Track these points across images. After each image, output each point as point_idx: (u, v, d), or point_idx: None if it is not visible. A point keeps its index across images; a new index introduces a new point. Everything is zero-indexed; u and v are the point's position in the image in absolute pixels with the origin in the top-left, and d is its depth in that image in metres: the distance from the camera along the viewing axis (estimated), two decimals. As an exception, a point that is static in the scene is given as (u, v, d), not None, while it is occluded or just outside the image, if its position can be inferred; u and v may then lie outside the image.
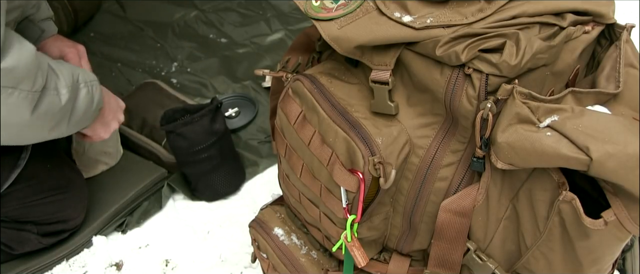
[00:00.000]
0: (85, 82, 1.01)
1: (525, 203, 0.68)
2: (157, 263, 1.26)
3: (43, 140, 1.01)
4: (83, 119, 1.03)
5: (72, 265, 1.25)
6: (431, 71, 0.66)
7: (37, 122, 0.94)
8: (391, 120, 0.71)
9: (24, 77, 0.88)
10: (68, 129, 1.02)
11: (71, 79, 0.98)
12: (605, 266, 0.69)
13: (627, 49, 0.67)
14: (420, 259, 0.84)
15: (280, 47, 1.76)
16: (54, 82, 0.95)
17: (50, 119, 0.96)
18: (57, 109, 0.95)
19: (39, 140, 1.01)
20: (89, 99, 1.02)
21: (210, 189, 1.34)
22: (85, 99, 1.01)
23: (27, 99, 0.90)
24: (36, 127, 0.95)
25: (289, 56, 0.84)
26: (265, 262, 0.98)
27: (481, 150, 0.67)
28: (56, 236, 1.21)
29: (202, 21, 1.85)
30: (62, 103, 0.96)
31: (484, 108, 0.63)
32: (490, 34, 0.63)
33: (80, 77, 1.01)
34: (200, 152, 1.29)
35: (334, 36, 0.67)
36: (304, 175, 0.78)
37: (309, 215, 0.84)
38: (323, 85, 0.75)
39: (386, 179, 0.68)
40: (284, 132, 0.80)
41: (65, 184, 1.19)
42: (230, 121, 1.53)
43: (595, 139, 0.57)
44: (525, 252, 0.70)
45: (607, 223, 0.61)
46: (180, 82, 1.67)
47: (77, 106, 1.00)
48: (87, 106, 1.02)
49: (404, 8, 0.66)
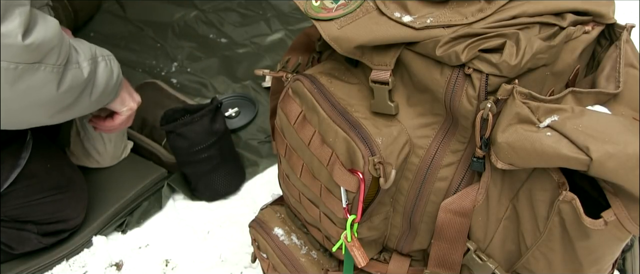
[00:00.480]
0: (102, 56, 1.03)
1: (525, 203, 0.68)
2: (157, 263, 1.26)
3: (69, 118, 1.03)
4: (104, 93, 1.05)
5: (72, 265, 1.25)
6: (431, 71, 0.66)
7: (64, 97, 0.95)
8: (391, 120, 0.71)
9: (49, 51, 0.90)
10: (90, 104, 1.03)
11: (90, 53, 1.00)
12: (605, 266, 0.69)
13: (627, 49, 0.67)
14: (420, 259, 0.84)
15: (280, 47, 1.76)
16: (74, 56, 0.96)
17: (74, 93, 0.97)
18: (81, 82, 0.97)
19: (66, 119, 1.02)
20: (108, 72, 1.04)
21: (210, 189, 1.34)
22: (105, 72, 1.03)
23: (53, 73, 0.91)
24: (62, 102, 0.96)
25: (289, 56, 0.84)
26: (265, 262, 0.98)
27: (481, 150, 0.67)
28: (56, 236, 1.21)
29: (202, 21, 1.85)
30: (84, 76, 0.97)
31: (484, 108, 0.63)
32: (490, 34, 0.63)
33: (98, 52, 1.03)
34: (200, 152, 1.29)
35: (334, 36, 0.67)
36: (304, 175, 0.78)
37: (309, 215, 0.84)
38: (323, 85, 0.75)
39: (386, 179, 0.68)
40: (284, 132, 0.80)
41: (65, 184, 1.19)
42: (230, 121, 1.53)
43: (595, 139, 0.57)
44: (525, 252, 0.70)
45: (607, 223, 0.61)
46: (180, 82, 1.67)
47: (98, 79, 1.01)
48: (108, 79, 1.04)
49: (404, 8, 0.66)
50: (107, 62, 1.04)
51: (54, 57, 0.90)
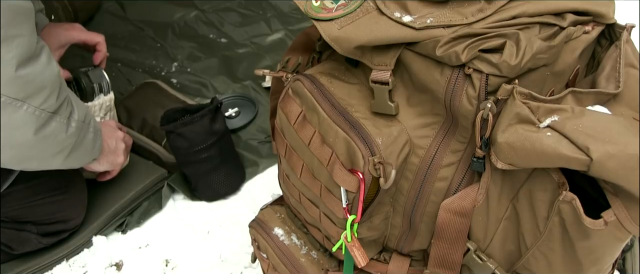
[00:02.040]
0: (94, 128, 1.04)
1: (525, 203, 0.68)
2: (157, 263, 1.26)
3: (34, 169, 1.01)
4: (80, 158, 1.05)
5: (72, 265, 1.25)
6: (431, 71, 0.66)
7: (38, 145, 0.93)
8: (391, 120, 0.71)
9: (39, 91, 0.88)
10: (63, 162, 1.02)
11: (84, 116, 1.00)
12: (605, 266, 0.69)
13: (627, 49, 0.67)
14: (420, 259, 0.84)
15: (280, 47, 1.76)
16: (67, 109, 0.96)
17: (51, 145, 0.95)
18: (62, 137, 0.96)
19: (32, 168, 1.01)
20: (91, 144, 1.04)
21: (210, 189, 1.34)
22: (90, 143, 1.03)
23: (34, 115, 0.89)
24: (38, 151, 0.95)
25: (289, 56, 0.84)
26: (265, 262, 0.98)
27: (481, 150, 0.67)
28: (56, 236, 1.21)
29: (202, 21, 1.85)
30: (68, 132, 0.96)
31: (484, 108, 0.63)
32: (490, 34, 0.63)
33: (92, 122, 1.03)
34: (200, 152, 1.29)
35: (334, 36, 0.67)
36: (304, 175, 0.78)
37: (309, 215, 0.84)
38: (323, 85, 0.75)
39: (386, 179, 0.68)
40: (284, 132, 0.80)
41: (65, 185, 1.19)
42: (230, 121, 1.53)
43: (596, 139, 0.57)
44: (525, 252, 0.70)
45: (607, 223, 0.61)
46: (180, 82, 1.67)
47: (82, 144, 1.01)
48: (90, 149, 1.05)
49: (404, 8, 0.66)
50: (96, 136, 1.05)
51: (40, 99, 0.89)
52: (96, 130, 1.05)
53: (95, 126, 1.05)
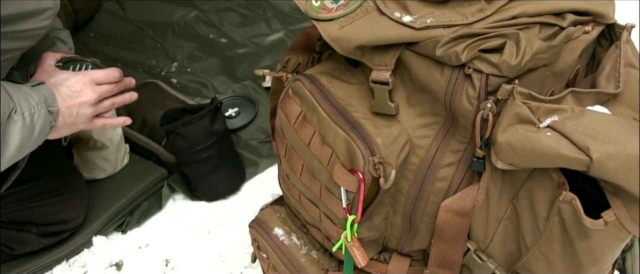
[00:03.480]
0: (23, 111, 0.94)
1: (525, 203, 0.68)
2: (157, 263, 1.26)
3: None
4: (17, 149, 0.97)
5: (72, 265, 1.25)
6: (431, 71, 0.66)
7: None
8: (391, 120, 0.71)
9: None
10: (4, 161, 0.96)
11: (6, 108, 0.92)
12: (605, 266, 0.69)
13: (627, 49, 0.67)
14: (420, 259, 0.84)
15: (280, 47, 1.76)
16: None
17: None
18: None
19: None
20: (26, 131, 0.95)
21: (210, 189, 1.35)
22: (21, 132, 0.95)
23: None
24: None
25: (289, 56, 0.84)
26: (265, 262, 0.98)
27: (481, 150, 0.67)
28: (56, 237, 1.21)
29: (202, 21, 1.85)
30: None
31: (484, 108, 0.63)
32: (490, 34, 0.63)
33: (15, 113, 0.94)
34: (200, 152, 1.29)
35: (334, 36, 0.67)
36: (304, 175, 0.78)
37: (309, 215, 0.84)
38: (323, 85, 0.75)
39: (386, 179, 0.68)
40: (284, 132, 0.80)
41: (65, 186, 1.19)
42: (230, 121, 1.53)
43: (596, 139, 0.57)
44: (525, 252, 0.70)
45: (607, 223, 0.61)
46: (180, 82, 1.67)
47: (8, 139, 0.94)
48: (24, 138, 0.96)
49: (404, 8, 0.66)
50: (26, 119, 0.95)
51: None
52: (27, 117, 0.95)
53: (27, 104, 0.95)
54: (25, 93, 0.96)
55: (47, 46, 1.12)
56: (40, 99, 0.97)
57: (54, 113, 1.00)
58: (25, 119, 0.95)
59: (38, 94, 0.98)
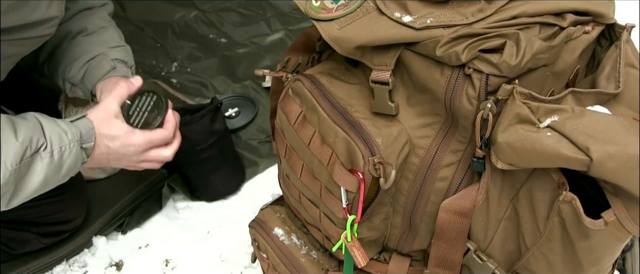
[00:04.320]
0: (52, 149, 0.92)
1: (525, 203, 0.68)
2: (157, 263, 1.26)
3: None
4: (43, 187, 0.95)
5: (72, 265, 1.25)
6: (431, 71, 0.66)
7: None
8: (391, 120, 0.71)
9: None
10: (15, 201, 0.94)
11: (16, 160, 0.88)
12: (605, 266, 0.69)
13: (627, 49, 0.67)
14: (420, 259, 0.84)
15: (280, 47, 1.76)
16: None
17: None
18: None
19: None
20: (53, 168, 0.93)
21: (210, 189, 1.35)
22: (46, 169, 0.93)
23: None
24: None
25: (289, 56, 0.84)
26: (265, 262, 0.98)
27: (481, 150, 0.67)
28: (56, 237, 1.21)
29: (202, 21, 1.85)
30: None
31: (484, 108, 0.63)
32: (490, 34, 0.63)
33: (47, 145, 0.91)
34: (200, 152, 1.29)
35: (334, 36, 0.67)
36: (304, 175, 0.78)
37: (309, 215, 0.84)
38: (323, 85, 0.75)
39: (386, 179, 0.68)
40: (284, 132, 0.80)
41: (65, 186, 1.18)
42: (230, 121, 1.53)
43: (596, 139, 0.57)
44: (525, 252, 0.70)
45: (607, 223, 0.61)
46: (180, 82, 1.67)
47: (22, 180, 0.91)
48: (47, 176, 0.94)
49: (404, 8, 0.66)
50: (54, 157, 0.92)
51: None
52: (56, 155, 0.93)
53: (59, 142, 0.93)
54: (60, 129, 0.94)
55: (106, 70, 1.11)
56: (74, 137, 0.95)
57: (89, 149, 0.99)
58: (53, 156, 0.93)
59: (73, 131, 0.95)
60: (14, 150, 0.88)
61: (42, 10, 0.91)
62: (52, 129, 0.93)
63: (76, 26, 1.14)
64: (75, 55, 1.11)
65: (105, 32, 1.16)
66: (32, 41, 0.96)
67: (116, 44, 1.16)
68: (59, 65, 1.13)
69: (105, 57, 1.11)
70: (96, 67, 1.10)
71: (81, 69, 1.11)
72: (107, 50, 1.13)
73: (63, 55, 1.13)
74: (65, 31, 1.13)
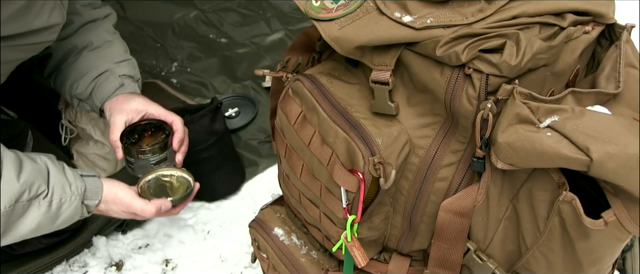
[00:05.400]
0: (52, 198, 0.92)
1: (525, 203, 0.68)
2: (157, 263, 1.26)
3: None
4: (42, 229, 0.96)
5: (72, 265, 1.25)
6: (431, 71, 0.66)
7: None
8: (391, 120, 0.71)
9: None
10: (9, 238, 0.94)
11: (11, 201, 0.89)
12: (605, 266, 0.69)
13: (627, 49, 0.67)
14: (420, 259, 0.84)
15: (280, 47, 1.76)
16: None
17: None
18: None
19: None
20: (48, 217, 0.93)
21: (210, 189, 1.34)
22: (39, 217, 0.92)
23: None
24: None
25: (289, 56, 0.84)
26: (265, 262, 0.98)
27: (481, 150, 0.67)
28: (56, 237, 1.21)
29: (202, 21, 1.85)
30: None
31: (484, 108, 0.63)
32: (490, 34, 0.63)
33: (47, 193, 0.91)
34: (200, 152, 1.29)
35: (334, 36, 0.67)
36: (304, 175, 0.78)
37: (309, 215, 0.84)
38: (323, 85, 0.75)
39: (386, 179, 0.68)
40: (284, 132, 0.80)
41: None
42: (230, 121, 1.53)
43: (596, 139, 0.57)
44: (525, 252, 0.70)
45: (607, 223, 0.61)
46: (180, 82, 1.67)
47: (16, 221, 0.91)
48: (40, 224, 0.94)
49: (404, 8, 0.66)
50: (53, 207, 0.92)
51: None
52: (54, 205, 0.94)
53: (55, 201, 0.93)
54: (65, 180, 0.95)
55: (114, 87, 1.12)
56: (77, 191, 0.96)
57: (91, 206, 1.00)
58: (51, 206, 0.93)
59: (79, 185, 0.96)
60: (11, 190, 0.88)
61: (44, 18, 0.92)
62: (57, 178, 0.94)
63: (81, 40, 1.14)
64: (83, 71, 1.12)
65: (111, 46, 1.16)
66: (33, 47, 0.96)
67: (122, 58, 1.17)
68: (66, 81, 1.13)
69: (112, 74, 1.12)
70: (104, 84, 1.11)
71: (89, 86, 1.11)
72: (114, 66, 1.13)
73: (70, 71, 1.13)
74: (70, 46, 1.13)
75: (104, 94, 1.10)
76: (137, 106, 1.10)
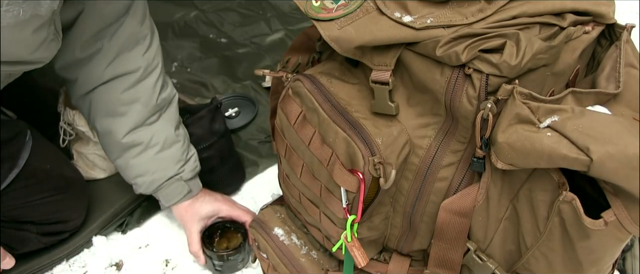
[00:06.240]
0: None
1: (525, 203, 0.68)
2: (157, 263, 1.26)
3: None
4: None
5: (72, 265, 1.25)
6: (431, 71, 0.66)
7: None
8: (391, 120, 0.71)
9: None
10: None
11: None
12: (605, 266, 0.69)
13: (627, 49, 0.67)
14: (420, 259, 0.84)
15: (280, 47, 1.76)
16: None
17: None
18: None
19: None
20: None
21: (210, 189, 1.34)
22: None
23: None
24: None
25: (289, 56, 0.84)
26: (265, 262, 0.98)
27: (481, 150, 0.67)
28: (56, 236, 1.21)
29: (202, 21, 1.85)
30: None
31: (484, 108, 0.63)
32: (490, 34, 0.63)
33: None
34: (200, 152, 1.28)
35: (334, 36, 0.67)
36: (304, 175, 0.78)
37: (309, 215, 0.84)
38: (323, 85, 0.75)
39: (386, 179, 0.68)
40: (284, 132, 0.80)
41: (64, 185, 1.19)
42: (230, 121, 1.52)
43: (596, 139, 0.57)
44: (525, 252, 0.70)
45: (607, 223, 0.61)
46: (180, 82, 1.67)
47: None
48: None
49: (404, 8, 0.66)
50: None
51: None
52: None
53: None
54: None
55: (182, 194, 1.16)
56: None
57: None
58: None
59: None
60: None
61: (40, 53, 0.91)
62: None
63: None
64: (148, 170, 1.13)
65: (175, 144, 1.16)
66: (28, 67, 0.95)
67: (185, 157, 1.18)
68: (128, 170, 1.15)
69: (178, 181, 1.15)
70: (170, 188, 1.15)
71: (151, 185, 1.14)
72: (180, 169, 1.15)
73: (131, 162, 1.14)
74: None
75: (170, 199, 1.15)
76: (208, 211, 1.16)
